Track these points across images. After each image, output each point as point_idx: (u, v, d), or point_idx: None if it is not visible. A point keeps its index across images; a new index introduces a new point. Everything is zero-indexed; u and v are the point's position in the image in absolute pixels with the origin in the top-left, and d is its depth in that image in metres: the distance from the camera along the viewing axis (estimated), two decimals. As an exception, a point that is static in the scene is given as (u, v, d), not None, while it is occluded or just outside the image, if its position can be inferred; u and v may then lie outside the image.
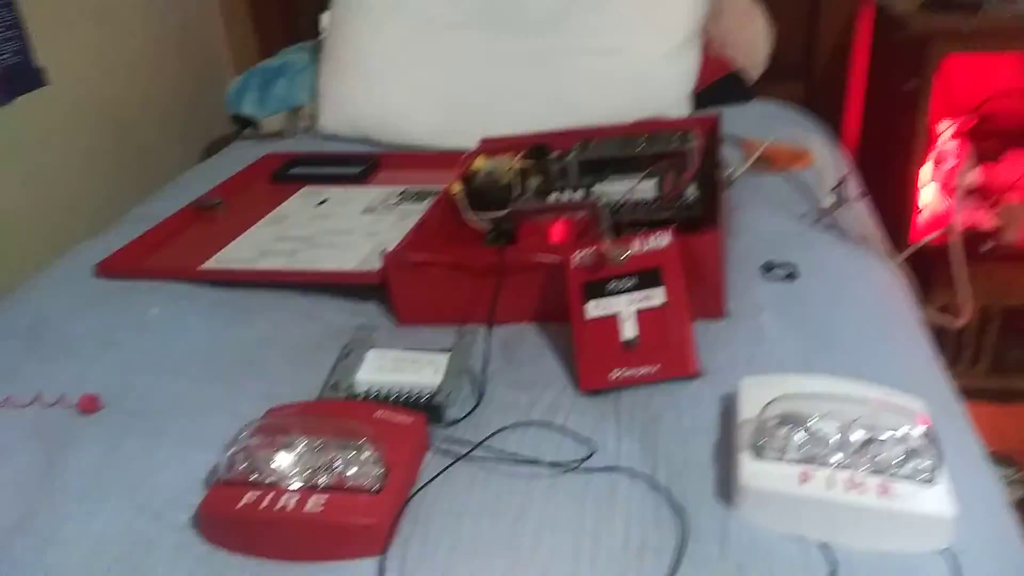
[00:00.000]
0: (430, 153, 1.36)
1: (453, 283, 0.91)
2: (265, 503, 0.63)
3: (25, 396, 0.81)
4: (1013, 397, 1.52)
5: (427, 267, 0.90)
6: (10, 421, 0.79)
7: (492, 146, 1.17)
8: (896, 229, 1.44)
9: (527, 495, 0.66)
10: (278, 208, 1.21)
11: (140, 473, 0.72)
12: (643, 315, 0.80)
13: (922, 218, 1.48)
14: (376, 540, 0.62)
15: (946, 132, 1.47)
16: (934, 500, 0.59)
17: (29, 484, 0.71)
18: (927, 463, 0.60)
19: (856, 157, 1.46)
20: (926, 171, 1.47)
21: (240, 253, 1.08)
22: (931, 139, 1.45)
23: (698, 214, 0.98)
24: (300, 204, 1.23)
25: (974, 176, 1.46)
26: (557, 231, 0.97)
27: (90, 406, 0.80)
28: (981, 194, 1.47)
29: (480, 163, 1.13)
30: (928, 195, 1.49)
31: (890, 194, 1.46)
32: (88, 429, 0.77)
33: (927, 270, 1.43)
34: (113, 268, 1.05)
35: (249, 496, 0.63)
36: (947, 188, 1.48)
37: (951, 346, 1.54)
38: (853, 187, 1.11)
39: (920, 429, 0.61)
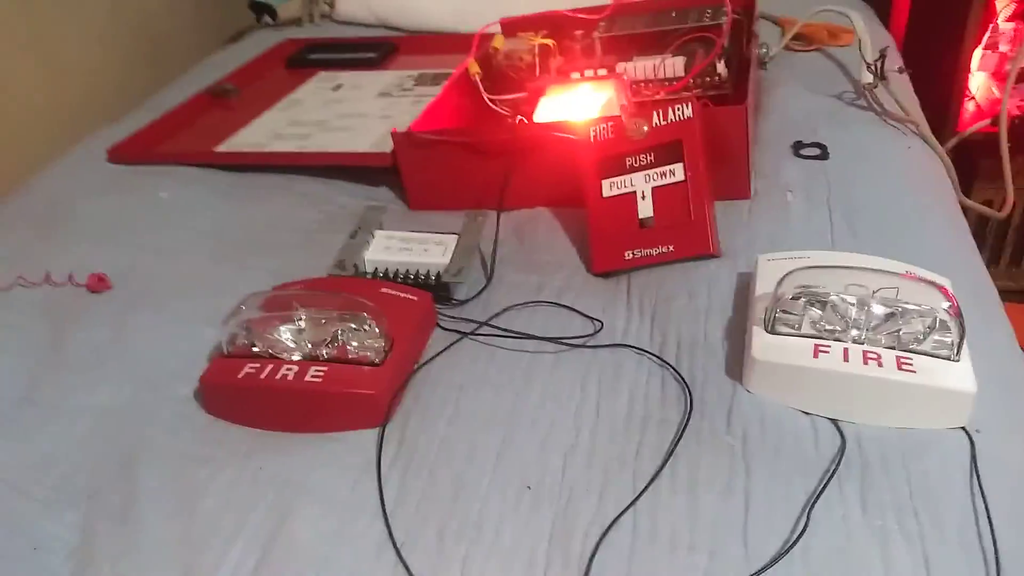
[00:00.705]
0: (448, 35, 1.30)
1: (466, 164, 0.87)
2: (265, 373, 0.62)
3: (36, 276, 0.81)
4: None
5: (438, 146, 0.87)
6: (21, 299, 0.79)
7: (512, 25, 1.11)
8: (942, 116, 1.36)
9: (531, 369, 0.65)
10: (292, 93, 1.18)
11: (145, 348, 0.71)
12: (661, 192, 0.77)
13: (971, 106, 1.39)
14: (376, 411, 0.61)
15: (1003, 12, 1.36)
16: (954, 376, 0.56)
17: (37, 358, 0.71)
18: (949, 339, 0.57)
19: (903, 38, 1.37)
20: (978, 55, 1.38)
21: (252, 138, 1.06)
22: (986, 20, 1.35)
23: (728, 91, 0.93)
24: (315, 89, 1.19)
25: (1031, 60, 1.36)
26: (578, 109, 0.93)
27: (98, 285, 0.79)
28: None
29: (499, 42, 1.08)
30: (979, 81, 1.40)
31: (938, 79, 1.37)
32: (96, 307, 0.77)
33: (972, 161, 1.36)
34: (125, 153, 1.04)
35: (250, 367, 0.63)
36: (999, 74, 1.39)
37: (992, 244, 1.48)
38: (894, 62, 1.04)
39: (944, 304, 0.57)
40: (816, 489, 0.53)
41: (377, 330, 0.64)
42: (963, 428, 0.56)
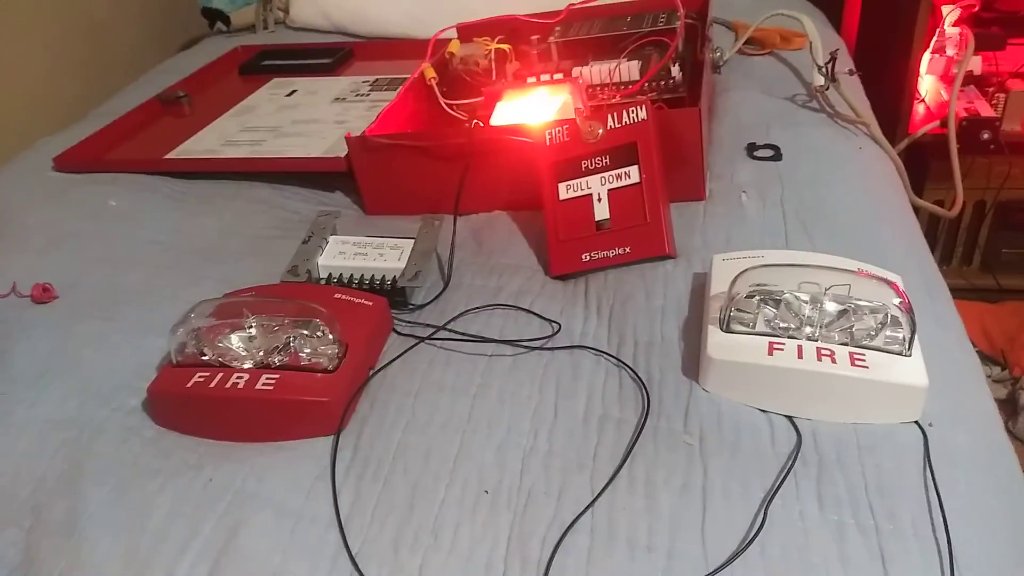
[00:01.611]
0: (404, 40, 1.30)
1: (422, 168, 0.87)
2: (215, 382, 0.60)
3: (-22, 287, 0.79)
4: (1004, 295, 1.50)
5: (394, 150, 0.86)
6: (-39, 311, 0.77)
7: (468, 30, 1.11)
8: (893, 118, 1.39)
9: (488, 373, 0.64)
10: (245, 100, 1.17)
11: (92, 359, 0.69)
12: (617, 194, 0.77)
13: (920, 108, 1.42)
14: (330, 418, 0.60)
15: (949, 17, 1.40)
16: (906, 370, 0.56)
17: (-22, 371, 0.69)
18: (901, 334, 0.57)
19: (855, 42, 1.39)
20: (927, 59, 1.41)
21: (204, 144, 1.04)
22: (933, 24, 1.38)
23: (683, 95, 0.93)
24: (268, 95, 1.18)
25: (975, 64, 1.39)
26: (533, 113, 0.93)
27: (43, 295, 0.77)
28: (982, 83, 1.41)
29: (455, 47, 1.08)
30: (928, 84, 1.43)
31: (889, 82, 1.40)
32: (40, 317, 0.75)
33: (923, 162, 1.39)
34: (71, 161, 1.01)
35: (199, 376, 0.61)
36: (947, 77, 1.42)
37: (943, 244, 1.51)
38: (844, 65, 1.05)
39: (896, 300, 0.58)
40: (773, 486, 0.53)
41: (330, 336, 0.63)
42: (916, 422, 0.57)
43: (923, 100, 1.43)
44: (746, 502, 0.52)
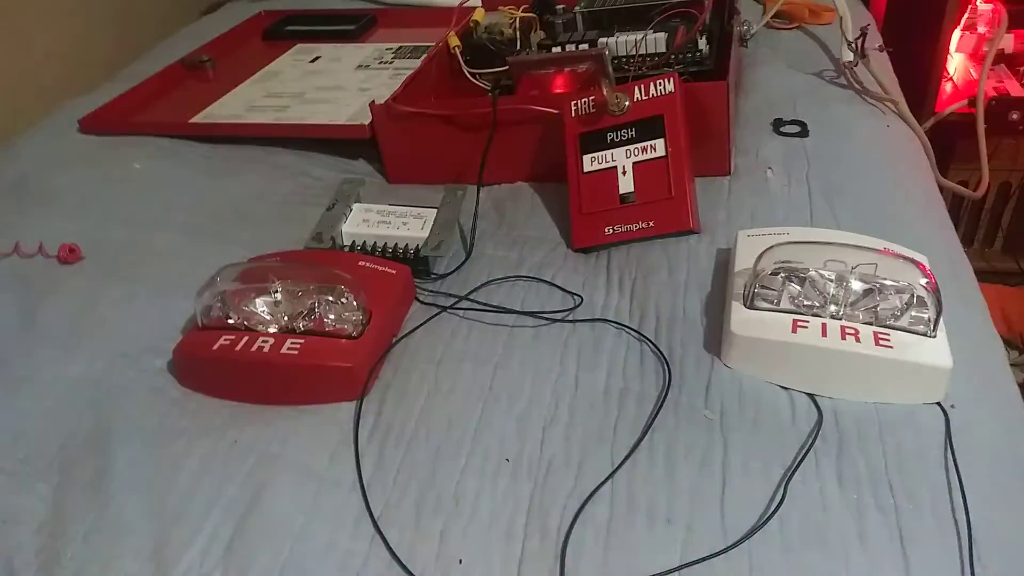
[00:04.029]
0: (429, 8, 1.29)
1: (445, 137, 0.86)
2: (241, 345, 0.61)
3: (5, 247, 0.80)
4: (1027, 278, 1.49)
5: (418, 119, 0.86)
6: (-10, 270, 0.78)
7: (493, -1, 1.10)
8: (921, 96, 1.37)
9: (509, 343, 0.64)
10: (269, 65, 1.16)
11: (118, 320, 0.70)
12: (642, 167, 0.76)
13: (948, 86, 1.40)
14: (354, 384, 0.60)
15: (981, -7, 1.37)
16: (931, 351, 0.56)
17: (6, 330, 0.70)
18: (927, 315, 0.57)
19: (884, 17, 1.37)
20: (956, 36, 1.39)
21: (228, 109, 1.04)
22: (965, 1, 1.36)
23: (710, 68, 0.92)
24: (292, 61, 1.17)
25: (1007, 42, 1.37)
26: (558, 84, 0.92)
27: (69, 256, 0.78)
28: (1014, 62, 1.38)
29: (479, 16, 1.07)
30: (957, 62, 1.41)
31: (917, 59, 1.38)
32: (67, 278, 0.76)
33: (949, 141, 1.37)
34: (97, 124, 1.02)
35: (225, 339, 0.62)
36: (977, 56, 1.40)
37: (966, 225, 1.50)
38: (874, 41, 1.04)
39: (922, 280, 0.58)
40: (793, 463, 0.53)
41: (355, 303, 0.63)
42: (938, 403, 0.56)
43: (951, 79, 1.41)
44: (766, 478, 0.52)
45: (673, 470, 0.53)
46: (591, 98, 0.80)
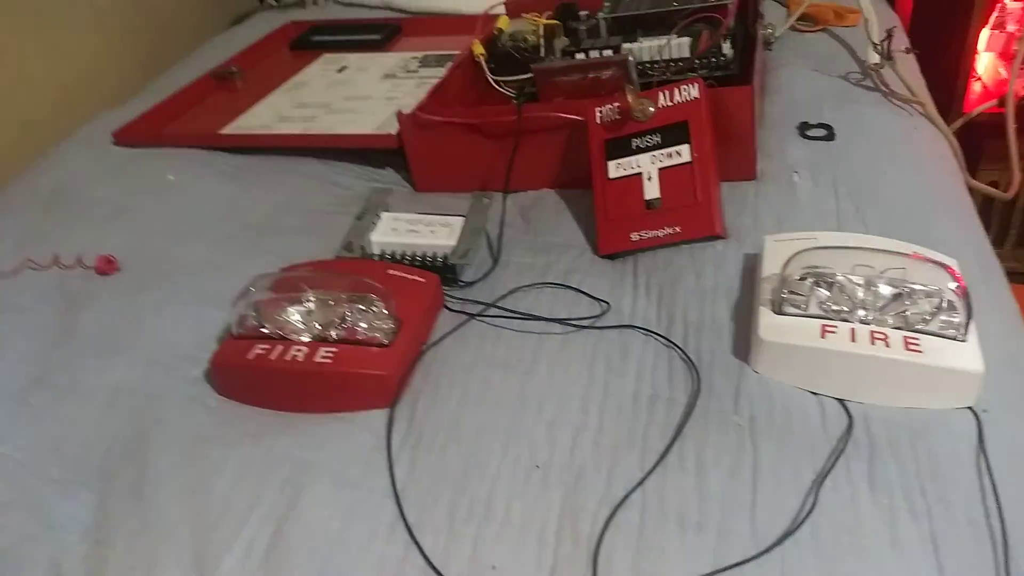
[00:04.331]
0: (453, 17, 1.30)
1: (471, 145, 0.87)
2: (276, 354, 0.62)
3: (44, 259, 0.82)
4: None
5: (444, 127, 0.87)
6: (30, 282, 0.80)
7: (517, 6, 1.10)
8: (948, 97, 1.36)
9: (538, 350, 0.65)
10: (297, 75, 1.18)
11: (155, 330, 0.72)
12: (668, 173, 0.77)
13: (977, 86, 1.39)
14: (385, 391, 0.61)
15: (1010, -9, 1.35)
16: (962, 356, 0.56)
17: (47, 341, 0.72)
18: (957, 319, 0.57)
19: (910, 18, 1.36)
20: (985, 35, 1.37)
21: (257, 120, 1.06)
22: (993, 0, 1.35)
23: (734, 72, 0.92)
24: (319, 71, 1.19)
25: (1037, 40, 1.35)
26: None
27: (107, 267, 0.80)
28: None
29: (503, 24, 1.08)
30: (986, 61, 1.39)
31: (945, 59, 1.37)
32: (104, 289, 0.78)
33: (978, 142, 1.35)
34: (130, 136, 1.04)
35: (260, 348, 0.63)
36: (1007, 54, 1.38)
37: (997, 226, 1.48)
38: (901, 42, 1.03)
39: (952, 284, 0.57)
40: (824, 468, 0.53)
41: (386, 311, 0.64)
42: (970, 408, 0.56)
43: (979, 78, 1.40)
44: (796, 484, 0.52)
45: (703, 476, 0.54)
46: (616, 104, 0.80)
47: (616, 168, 0.79)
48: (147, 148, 1.02)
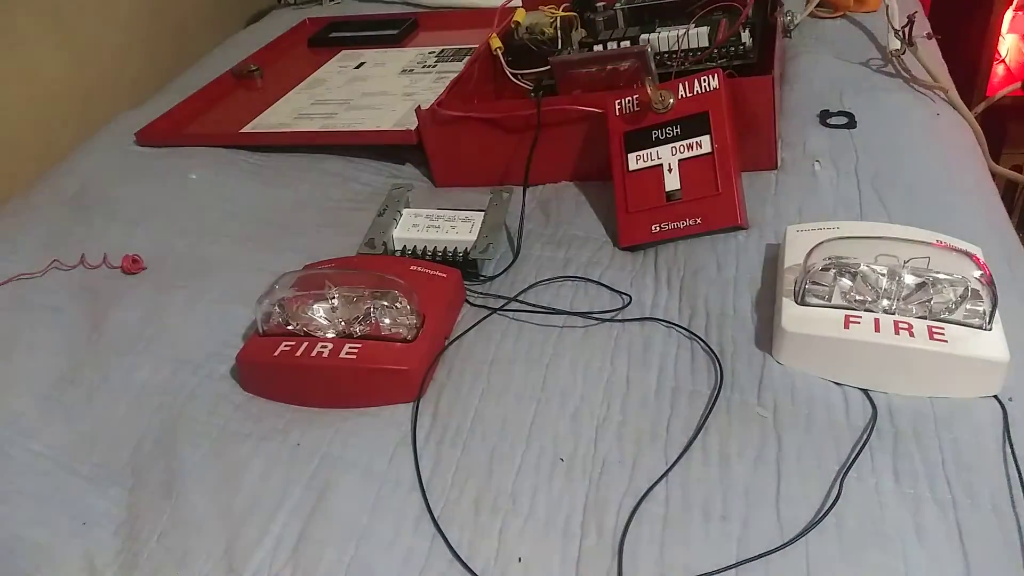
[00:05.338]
0: (469, 10, 1.30)
1: (490, 140, 0.88)
2: (301, 351, 0.63)
3: (71, 259, 0.83)
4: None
5: (463, 122, 0.87)
6: (57, 282, 0.81)
7: (533, -1, 1.10)
8: (971, 81, 1.34)
9: (560, 343, 0.65)
10: (315, 72, 1.19)
11: (181, 327, 0.73)
12: (688, 164, 0.77)
13: (1000, 69, 1.37)
14: (410, 386, 0.62)
15: (1034, -27, 1.34)
16: (987, 345, 0.55)
17: (76, 340, 0.73)
18: (982, 308, 0.57)
19: (931, 3, 1.34)
20: (1009, 16, 1.35)
21: (277, 118, 1.06)
22: (1016, -19, 1.33)
23: (753, 61, 0.92)
24: (337, 68, 1.19)
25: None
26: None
27: (133, 267, 0.81)
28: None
29: (520, 17, 1.08)
30: (1009, 43, 1.37)
31: (967, 43, 1.35)
32: (131, 288, 0.79)
33: (1001, 126, 1.34)
34: (153, 136, 1.05)
35: (285, 345, 0.64)
36: (1031, 36, 1.36)
37: (1021, 210, 1.46)
38: (922, 28, 1.02)
39: (976, 273, 0.57)
40: (848, 459, 0.53)
41: (409, 307, 0.65)
42: (995, 397, 0.56)
43: (1003, 61, 1.38)
44: (821, 475, 0.52)
45: (727, 468, 0.54)
46: (635, 96, 0.80)
47: (636, 160, 0.79)
48: (169, 148, 1.03)
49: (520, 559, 0.50)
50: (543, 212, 0.84)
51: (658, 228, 0.76)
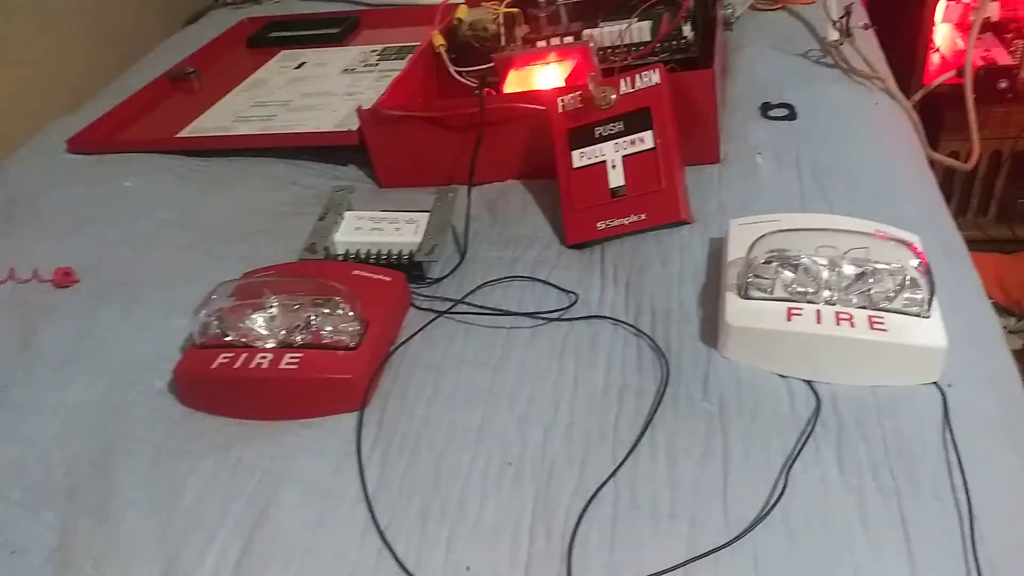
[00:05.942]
0: (411, 7, 1.28)
1: (434, 139, 0.86)
2: (239, 362, 0.61)
3: None
4: (1020, 246, 1.48)
5: (405, 121, 0.86)
6: (-14, 297, 0.78)
7: (475, -5, 1.09)
8: (908, 69, 1.37)
9: (507, 345, 0.65)
10: (255, 73, 1.16)
11: (116, 342, 0.71)
12: (632, 160, 0.76)
13: (936, 58, 1.40)
14: (354, 395, 0.61)
15: (965, -38, 1.36)
16: (925, 332, 0.56)
17: (4, 358, 0.70)
18: (920, 296, 0.57)
19: (868, -7, 1.36)
20: (942, 6, 1.38)
21: (215, 121, 1.04)
22: (949, -30, 1.36)
23: (695, 55, 0.92)
24: (277, 68, 1.17)
25: (992, 10, 1.36)
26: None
27: (65, 279, 0.78)
28: (1000, 30, 1.38)
29: (463, 13, 1.06)
30: (943, 32, 1.40)
31: (903, 32, 1.37)
32: (63, 302, 0.76)
33: (939, 113, 1.36)
34: (84, 143, 1.02)
35: (223, 357, 0.62)
36: (963, 25, 1.39)
37: (959, 195, 1.50)
38: (859, 19, 1.03)
39: (914, 262, 0.58)
40: (793, 451, 0.53)
41: (351, 313, 0.63)
42: (935, 383, 0.57)
43: (938, 49, 1.41)
44: (767, 468, 0.53)
45: (675, 465, 0.54)
46: (578, 93, 0.80)
47: (580, 157, 0.78)
48: (102, 155, 1.00)
49: (468, 568, 0.50)
50: (489, 212, 0.83)
51: (604, 225, 0.75)
